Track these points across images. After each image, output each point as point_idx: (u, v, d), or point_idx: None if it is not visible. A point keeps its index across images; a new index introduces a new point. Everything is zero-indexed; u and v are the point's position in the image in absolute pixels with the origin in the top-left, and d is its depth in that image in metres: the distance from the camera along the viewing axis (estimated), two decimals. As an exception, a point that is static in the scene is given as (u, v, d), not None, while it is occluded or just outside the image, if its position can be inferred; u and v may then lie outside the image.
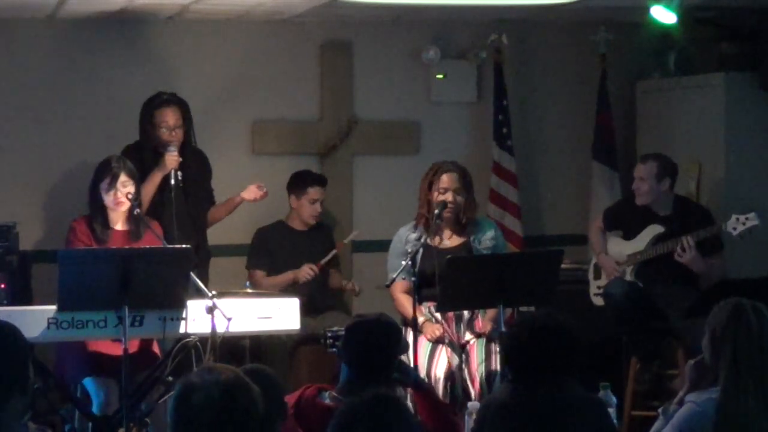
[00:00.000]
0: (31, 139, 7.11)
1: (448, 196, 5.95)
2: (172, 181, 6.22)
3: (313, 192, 6.88)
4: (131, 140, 6.54)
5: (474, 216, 6.13)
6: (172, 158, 6.24)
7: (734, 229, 6.24)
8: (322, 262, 6.78)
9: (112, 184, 5.76)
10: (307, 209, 6.88)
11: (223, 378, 2.82)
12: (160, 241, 5.72)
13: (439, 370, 5.75)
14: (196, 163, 6.52)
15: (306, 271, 6.68)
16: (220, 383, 2.80)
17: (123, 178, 5.76)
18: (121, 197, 5.76)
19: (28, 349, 3.27)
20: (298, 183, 6.93)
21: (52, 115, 7.14)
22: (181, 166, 6.29)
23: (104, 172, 5.80)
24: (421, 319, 5.80)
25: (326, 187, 6.99)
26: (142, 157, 6.33)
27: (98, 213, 5.85)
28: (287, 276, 6.72)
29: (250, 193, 6.59)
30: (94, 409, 5.53)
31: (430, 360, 5.78)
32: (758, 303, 3.80)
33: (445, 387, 5.72)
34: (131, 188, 5.77)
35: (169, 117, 6.36)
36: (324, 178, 7.02)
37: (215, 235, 6.86)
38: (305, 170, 7.04)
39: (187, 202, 6.41)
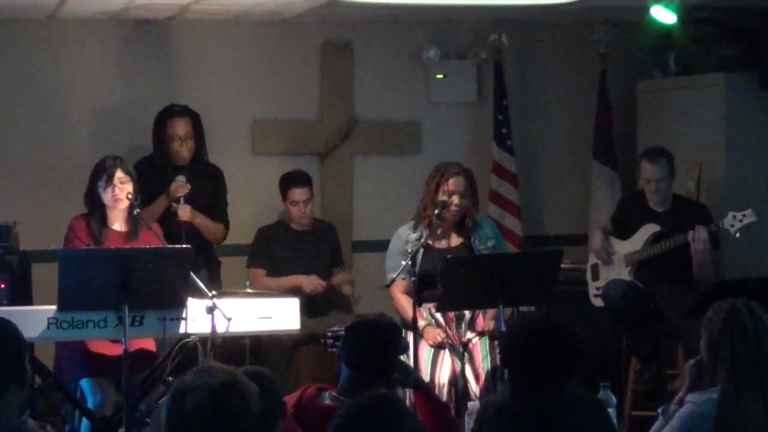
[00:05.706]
0: (32, 139, 7.11)
1: (455, 199, 5.92)
2: (180, 212, 6.27)
3: (293, 194, 6.69)
4: (131, 140, 6.54)
5: (476, 217, 6.12)
6: (178, 186, 6.30)
7: (731, 226, 6.20)
8: (332, 281, 6.75)
9: (109, 181, 5.77)
10: (292, 211, 6.73)
11: (217, 380, 2.81)
12: (159, 242, 5.71)
13: (443, 376, 5.72)
14: (207, 179, 6.54)
15: (314, 284, 6.60)
16: (213, 385, 2.79)
17: (119, 174, 5.77)
18: (119, 194, 5.76)
19: (25, 345, 3.28)
20: (281, 186, 6.79)
21: (52, 115, 7.14)
22: (190, 183, 6.32)
23: (100, 171, 5.82)
24: (421, 324, 5.78)
25: (312, 187, 6.80)
26: (152, 171, 6.40)
27: (96, 212, 5.85)
28: (292, 280, 6.62)
29: None
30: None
31: (434, 366, 5.75)
32: (752, 303, 3.80)
33: (449, 392, 5.69)
34: (129, 186, 5.77)
35: (180, 128, 6.47)
36: (307, 178, 6.81)
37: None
38: (291, 171, 6.86)
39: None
